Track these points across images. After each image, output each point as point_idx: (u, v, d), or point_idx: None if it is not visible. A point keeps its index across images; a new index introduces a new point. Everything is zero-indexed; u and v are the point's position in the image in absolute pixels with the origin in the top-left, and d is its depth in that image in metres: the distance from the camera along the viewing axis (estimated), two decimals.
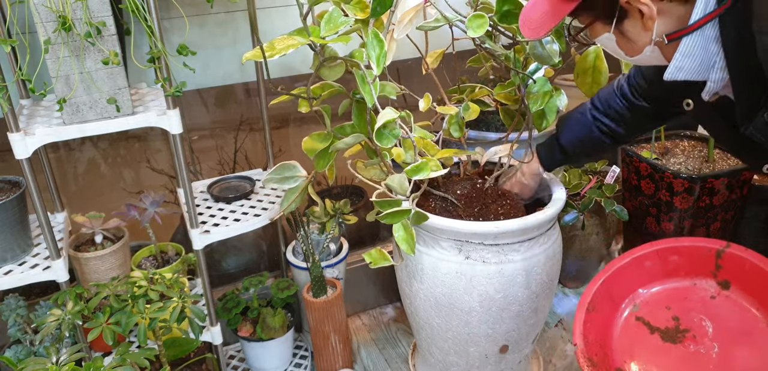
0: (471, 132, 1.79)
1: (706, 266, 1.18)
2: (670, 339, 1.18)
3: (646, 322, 1.21)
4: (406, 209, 1.18)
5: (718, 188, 1.69)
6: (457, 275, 1.29)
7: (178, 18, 1.46)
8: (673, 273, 1.22)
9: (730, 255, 1.15)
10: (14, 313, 1.33)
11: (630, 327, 1.22)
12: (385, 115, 1.11)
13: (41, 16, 1.07)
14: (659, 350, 1.17)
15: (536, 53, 1.28)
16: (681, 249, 1.21)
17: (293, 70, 1.76)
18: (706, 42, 0.88)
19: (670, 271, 1.22)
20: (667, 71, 0.93)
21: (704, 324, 1.16)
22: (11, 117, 1.09)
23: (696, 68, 0.91)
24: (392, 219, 1.18)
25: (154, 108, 1.23)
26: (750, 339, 1.10)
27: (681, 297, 1.21)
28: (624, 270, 1.24)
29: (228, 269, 1.92)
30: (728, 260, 1.15)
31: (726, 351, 1.12)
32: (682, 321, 1.18)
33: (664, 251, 1.22)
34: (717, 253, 1.16)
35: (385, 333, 1.88)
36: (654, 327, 1.20)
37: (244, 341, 1.62)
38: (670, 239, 1.23)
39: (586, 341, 1.17)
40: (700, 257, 1.19)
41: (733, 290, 1.16)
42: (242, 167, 1.83)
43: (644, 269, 1.24)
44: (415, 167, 1.17)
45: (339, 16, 1.08)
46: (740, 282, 1.14)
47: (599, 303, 1.22)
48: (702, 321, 1.17)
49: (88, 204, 1.58)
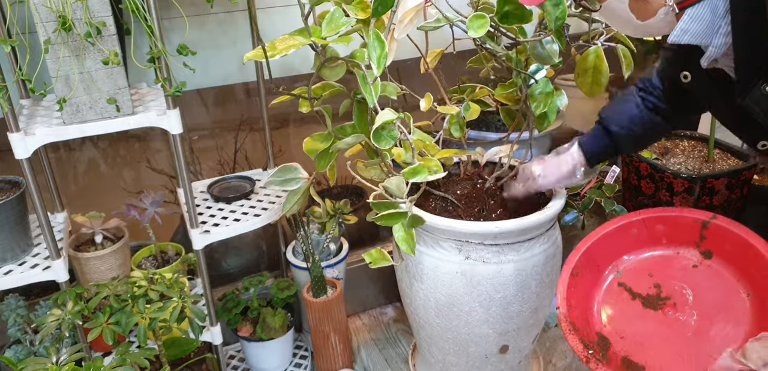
0: (471, 132, 1.80)
1: (691, 236, 1.19)
2: (651, 305, 1.18)
3: (628, 288, 1.22)
4: (402, 211, 1.18)
5: (718, 188, 1.69)
6: (458, 275, 1.29)
7: (178, 18, 1.45)
8: (658, 242, 1.23)
9: (716, 226, 1.15)
10: (14, 313, 1.33)
11: (612, 292, 1.23)
12: (383, 116, 1.11)
13: (41, 16, 1.07)
14: (639, 315, 1.18)
15: (537, 53, 1.28)
16: (667, 219, 1.21)
17: (293, 70, 1.76)
18: (714, 6, 0.88)
19: (655, 239, 1.23)
20: (672, 34, 0.92)
21: (685, 292, 1.17)
22: (11, 117, 1.09)
23: (701, 32, 0.90)
24: (389, 221, 1.17)
25: (154, 108, 1.23)
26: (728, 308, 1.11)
27: (664, 264, 1.21)
28: (610, 237, 1.24)
29: (228, 269, 1.92)
30: (713, 231, 1.16)
31: (705, 318, 1.12)
32: (664, 288, 1.19)
33: (650, 220, 1.23)
34: (703, 224, 1.17)
35: (385, 333, 1.88)
36: (636, 292, 1.21)
37: (244, 341, 1.62)
38: (658, 209, 1.23)
39: (569, 305, 1.18)
40: (685, 227, 1.19)
41: (715, 260, 1.16)
42: (242, 167, 1.82)
43: (630, 237, 1.24)
44: (412, 170, 1.17)
45: (340, 17, 1.08)
46: (723, 252, 1.15)
47: (583, 268, 1.23)
48: (683, 289, 1.17)
49: (88, 204, 1.58)
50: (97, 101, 1.17)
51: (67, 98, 1.13)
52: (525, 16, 1.14)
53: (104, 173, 1.69)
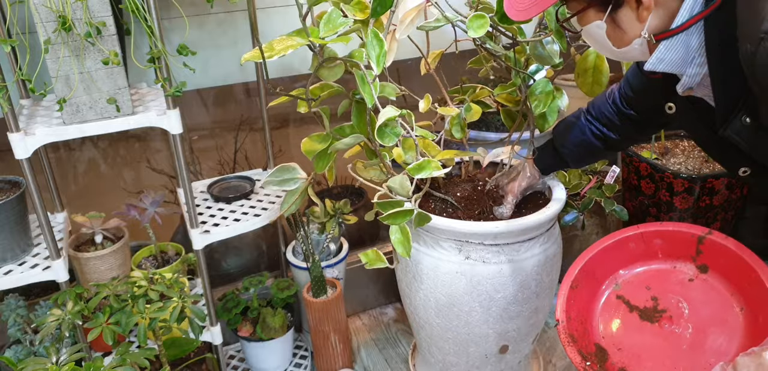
0: (471, 132, 1.79)
1: (688, 250, 1.21)
2: (648, 318, 1.21)
3: (626, 301, 1.24)
4: (408, 210, 1.18)
5: (718, 188, 1.69)
6: (457, 275, 1.29)
7: (178, 18, 1.45)
8: (655, 256, 1.25)
9: (711, 242, 1.18)
10: (14, 313, 1.33)
11: (611, 304, 1.26)
12: (387, 113, 1.11)
13: (41, 16, 1.07)
14: (637, 327, 1.21)
15: (537, 54, 1.28)
16: (665, 233, 1.24)
17: (293, 71, 1.76)
18: (689, 39, 0.90)
19: (652, 253, 1.25)
20: (648, 62, 0.94)
21: (681, 306, 1.19)
22: (11, 117, 1.09)
23: (677, 61, 0.92)
24: (394, 220, 1.17)
25: (154, 108, 1.23)
26: (723, 322, 1.13)
27: (661, 278, 1.24)
28: (608, 250, 1.27)
29: (228, 269, 1.92)
30: (709, 246, 1.18)
31: (699, 331, 1.15)
32: (661, 301, 1.21)
33: (648, 235, 1.25)
34: (699, 239, 1.19)
35: (385, 333, 1.88)
36: (633, 305, 1.23)
37: (244, 341, 1.62)
38: (655, 224, 1.26)
39: (568, 317, 1.21)
40: (682, 242, 1.22)
41: (710, 274, 1.19)
42: (242, 167, 1.82)
43: (628, 250, 1.26)
44: (418, 166, 1.17)
45: (338, 17, 1.08)
46: (718, 267, 1.17)
47: (582, 281, 1.25)
48: (679, 303, 1.19)
49: (88, 204, 1.58)
50: (97, 101, 1.17)
51: (67, 98, 1.14)
52: None
53: (104, 173, 1.69)
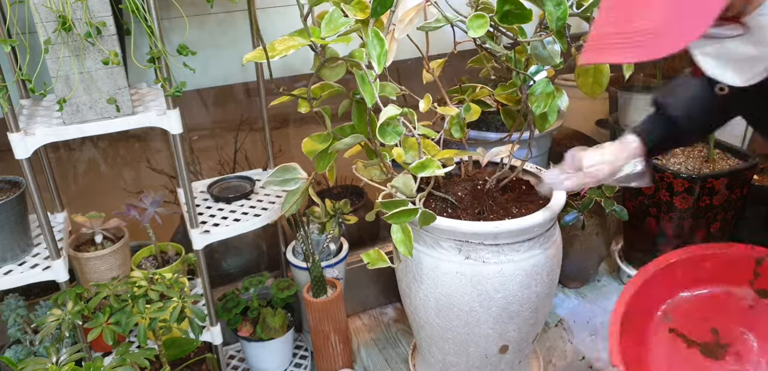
0: (471, 132, 1.79)
1: (744, 274, 1.10)
2: (711, 354, 1.08)
3: (681, 334, 1.12)
4: (413, 208, 1.17)
5: (718, 188, 1.69)
6: (458, 275, 1.29)
7: (178, 18, 1.45)
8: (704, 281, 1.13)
9: None
10: (14, 313, 1.33)
11: (664, 341, 1.13)
12: (388, 111, 1.11)
13: (41, 16, 1.07)
14: (700, 367, 1.07)
15: (538, 54, 1.28)
16: (715, 256, 1.12)
17: (293, 71, 1.76)
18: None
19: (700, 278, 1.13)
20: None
21: (746, 337, 1.06)
22: (11, 117, 1.09)
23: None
24: (399, 219, 1.17)
25: (154, 108, 1.23)
26: None
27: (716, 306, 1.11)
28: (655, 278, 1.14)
29: (228, 269, 1.92)
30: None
31: None
32: (722, 333, 1.09)
33: (697, 258, 1.14)
34: (757, 260, 1.08)
35: (385, 333, 1.88)
36: (691, 340, 1.11)
37: (244, 341, 1.62)
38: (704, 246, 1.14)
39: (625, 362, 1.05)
40: (736, 264, 1.10)
41: None
42: (242, 167, 1.82)
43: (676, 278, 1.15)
44: (421, 164, 1.17)
45: (339, 17, 1.08)
46: None
47: (633, 317, 1.11)
48: (743, 334, 1.07)
49: (88, 204, 1.58)
50: (97, 101, 1.17)
51: (67, 98, 1.13)
52: (525, 16, 1.14)
53: (104, 173, 1.69)
